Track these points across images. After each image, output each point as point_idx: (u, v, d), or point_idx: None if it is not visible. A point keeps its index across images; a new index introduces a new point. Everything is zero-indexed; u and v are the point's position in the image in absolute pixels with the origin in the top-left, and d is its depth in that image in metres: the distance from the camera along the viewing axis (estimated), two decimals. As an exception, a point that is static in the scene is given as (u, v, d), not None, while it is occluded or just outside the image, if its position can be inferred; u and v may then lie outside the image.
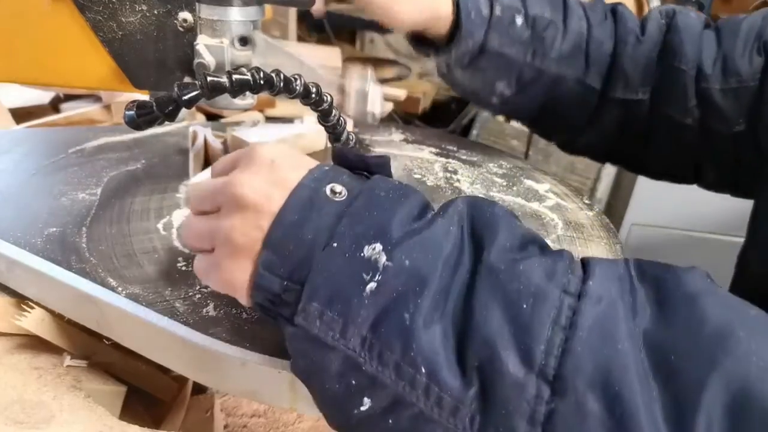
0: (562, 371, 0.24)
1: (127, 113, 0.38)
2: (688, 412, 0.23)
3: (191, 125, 0.63)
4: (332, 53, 1.09)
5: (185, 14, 0.42)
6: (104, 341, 0.44)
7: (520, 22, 0.58)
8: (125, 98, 0.85)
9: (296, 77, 0.39)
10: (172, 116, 0.38)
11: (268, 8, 0.46)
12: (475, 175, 0.63)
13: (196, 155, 0.55)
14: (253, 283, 0.30)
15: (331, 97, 0.41)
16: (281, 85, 0.38)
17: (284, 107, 0.94)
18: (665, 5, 0.63)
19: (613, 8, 0.62)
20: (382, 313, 0.27)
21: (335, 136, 0.43)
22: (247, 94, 0.42)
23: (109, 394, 0.42)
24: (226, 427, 0.55)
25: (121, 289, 0.39)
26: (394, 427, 0.27)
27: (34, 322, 0.41)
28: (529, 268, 0.27)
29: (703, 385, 0.23)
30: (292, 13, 1.16)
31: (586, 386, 0.24)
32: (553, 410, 0.24)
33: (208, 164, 0.56)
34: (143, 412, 0.47)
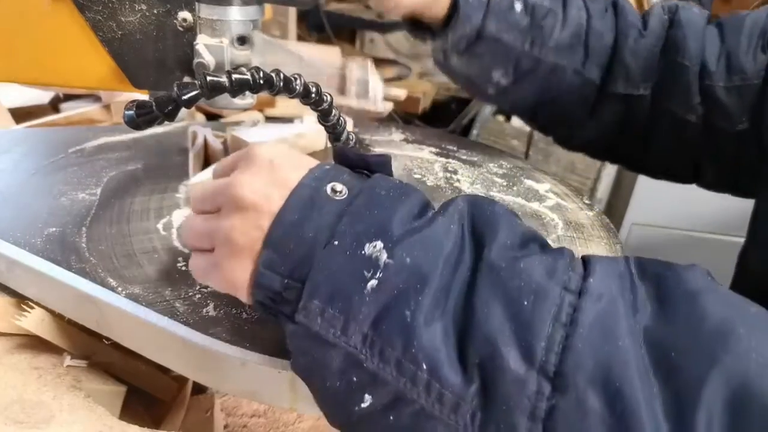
0: (562, 368, 0.24)
1: (126, 113, 0.38)
2: (688, 408, 0.23)
3: (191, 125, 0.63)
4: (332, 53, 1.09)
5: (185, 14, 0.42)
6: (104, 341, 0.44)
7: (519, 8, 0.58)
8: (125, 98, 0.85)
9: (296, 77, 0.38)
10: (171, 116, 0.38)
11: (268, 8, 0.46)
12: (475, 175, 0.63)
13: (195, 155, 0.55)
14: (253, 281, 0.30)
15: (331, 96, 0.41)
16: (281, 84, 0.38)
17: (284, 107, 0.94)
18: (667, 1, 0.62)
19: (614, 1, 0.61)
20: (383, 310, 0.27)
21: (335, 135, 0.43)
22: (246, 93, 0.42)
23: (109, 394, 0.42)
24: (226, 427, 0.55)
25: (121, 289, 0.39)
26: (395, 424, 0.27)
27: (34, 322, 0.41)
28: (529, 265, 0.27)
29: (703, 381, 0.23)
30: (292, 13, 1.16)
31: (586, 382, 0.24)
32: (553, 406, 0.24)
33: (208, 164, 0.56)
34: (143, 412, 0.47)
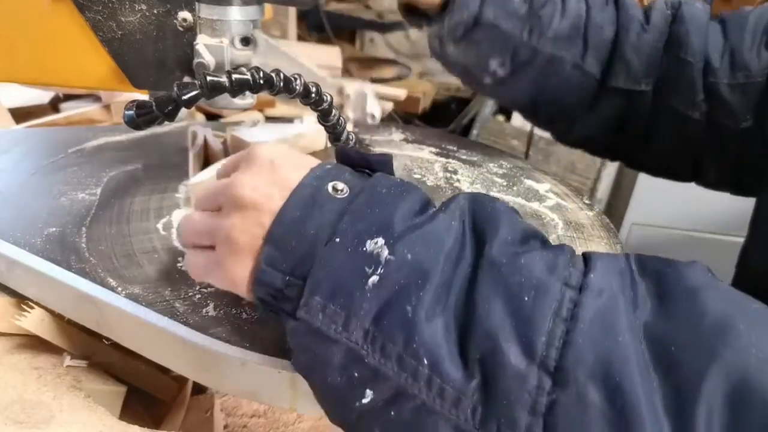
0: (563, 362, 0.25)
1: (126, 113, 0.38)
2: (688, 403, 0.23)
3: (191, 125, 0.63)
4: (332, 53, 1.09)
5: (185, 14, 0.42)
6: (104, 341, 0.44)
7: None
8: (125, 98, 0.85)
9: (296, 77, 0.38)
10: (171, 116, 0.38)
11: (268, 8, 0.46)
12: (475, 175, 0.63)
13: (195, 155, 0.55)
14: (254, 278, 0.30)
15: (330, 96, 0.41)
16: (281, 84, 0.38)
17: (284, 107, 0.94)
18: None
19: None
20: (384, 306, 0.27)
21: (335, 135, 0.43)
22: (246, 93, 0.42)
23: (109, 394, 0.42)
24: (226, 427, 0.55)
25: (120, 289, 0.39)
26: (395, 419, 0.27)
27: (34, 322, 0.41)
28: (530, 261, 0.28)
29: (703, 376, 0.23)
30: (292, 13, 1.16)
31: (587, 377, 0.24)
32: (554, 401, 0.24)
33: (207, 164, 0.56)
34: (143, 412, 0.47)
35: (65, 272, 0.40)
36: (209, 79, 0.36)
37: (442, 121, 1.28)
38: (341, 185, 0.31)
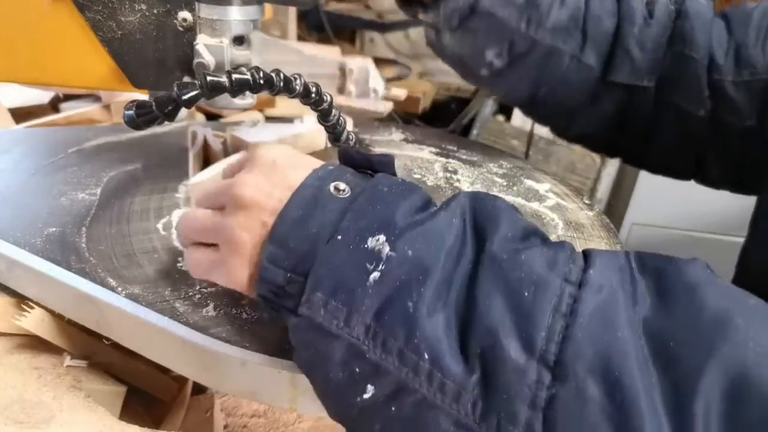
0: (562, 357, 0.25)
1: (126, 113, 0.38)
2: (686, 397, 0.23)
3: (191, 125, 0.63)
4: (332, 53, 1.09)
5: (185, 14, 0.42)
6: (104, 341, 0.44)
7: None
8: (125, 98, 0.85)
9: (296, 77, 0.38)
10: (171, 116, 0.38)
11: (268, 8, 0.46)
12: (475, 175, 0.63)
13: (195, 155, 0.55)
14: (256, 276, 0.31)
15: (331, 96, 0.41)
16: (281, 84, 0.38)
17: (284, 107, 0.94)
18: None
19: None
20: (385, 302, 0.27)
21: (335, 135, 0.43)
22: (246, 93, 0.42)
23: (109, 394, 0.42)
24: (226, 427, 0.55)
25: (120, 289, 0.39)
26: (396, 414, 0.27)
27: (34, 322, 0.41)
28: (530, 257, 0.28)
29: (701, 371, 0.23)
30: (292, 13, 1.16)
31: (586, 372, 0.24)
32: (553, 395, 0.24)
33: (207, 164, 0.56)
34: (143, 412, 0.47)
35: (65, 272, 0.40)
36: (209, 79, 0.36)
37: (442, 121, 1.28)
38: (343, 185, 0.31)
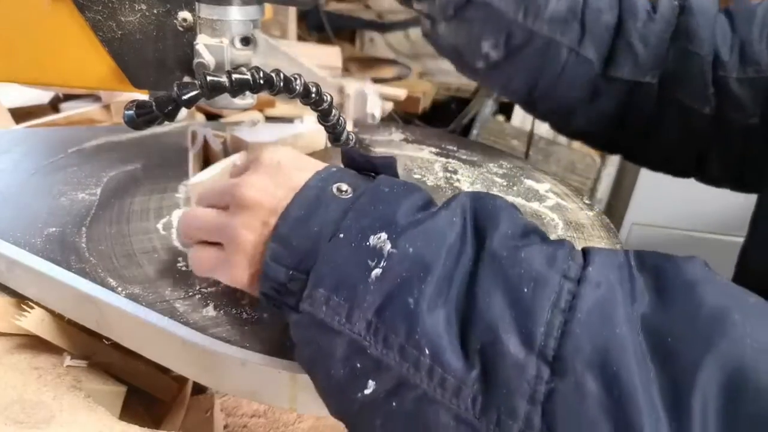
0: (561, 352, 0.25)
1: (126, 113, 0.38)
2: (684, 392, 0.23)
3: (191, 125, 0.63)
4: (332, 53, 1.09)
5: (185, 14, 0.42)
6: (104, 341, 0.44)
7: None
8: (125, 98, 0.85)
9: (296, 77, 0.38)
10: (171, 116, 0.38)
11: (268, 8, 0.46)
12: (475, 175, 0.63)
13: (195, 155, 0.55)
14: (259, 273, 0.31)
15: (330, 96, 0.41)
16: (281, 84, 0.38)
17: (284, 107, 0.94)
18: None
19: None
20: (387, 298, 0.28)
21: (335, 135, 0.43)
22: (246, 93, 0.42)
23: (109, 394, 0.42)
24: (226, 427, 0.55)
25: (120, 289, 0.39)
26: (397, 409, 0.27)
27: (34, 322, 0.41)
28: (530, 254, 0.28)
29: (698, 366, 0.23)
30: (292, 13, 1.16)
31: (584, 366, 0.24)
32: (552, 390, 0.25)
33: (207, 164, 0.56)
34: (143, 412, 0.47)
35: (65, 272, 0.40)
36: (209, 79, 0.36)
37: (442, 121, 1.28)
38: (345, 186, 0.32)
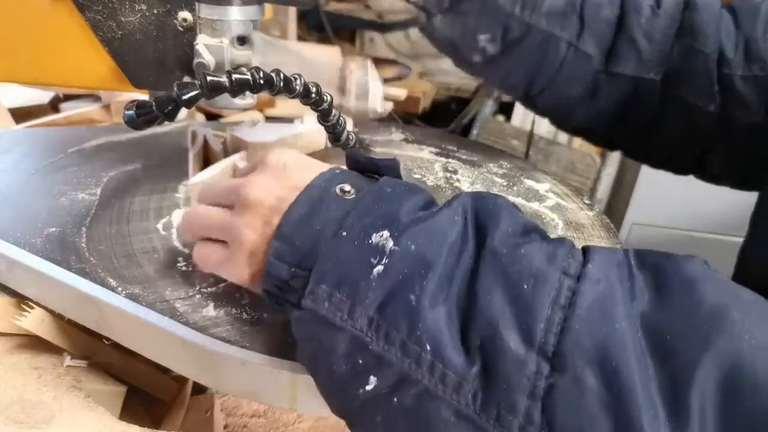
0: (561, 348, 0.25)
1: (126, 113, 0.38)
2: (682, 388, 0.23)
3: (191, 125, 0.63)
4: (332, 53, 1.09)
5: (185, 14, 0.42)
6: (104, 341, 0.44)
7: None
8: (125, 98, 0.85)
9: (296, 77, 0.38)
10: (171, 116, 0.38)
11: (268, 8, 0.46)
12: (475, 175, 0.63)
13: (195, 155, 0.55)
14: (262, 271, 0.32)
15: (331, 96, 0.41)
16: (281, 84, 0.38)
17: (284, 107, 0.94)
18: None
19: None
20: (388, 294, 0.28)
21: (335, 135, 0.43)
22: (246, 93, 0.42)
23: (109, 394, 0.42)
24: (226, 427, 0.55)
25: (120, 289, 0.39)
26: (398, 406, 0.28)
27: (34, 322, 0.41)
28: (530, 251, 0.28)
29: (696, 363, 0.24)
30: (292, 13, 1.16)
31: (584, 362, 0.24)
32: (552, 385, 0.25)
33: (207, 164, 0.56)
34: (143, 412, 0.47)
35: (65, 272, 0.40)
36: (209, 79, 0.36)
37: (442, 121, 1.28)
38: (348, 187, 0.32)
